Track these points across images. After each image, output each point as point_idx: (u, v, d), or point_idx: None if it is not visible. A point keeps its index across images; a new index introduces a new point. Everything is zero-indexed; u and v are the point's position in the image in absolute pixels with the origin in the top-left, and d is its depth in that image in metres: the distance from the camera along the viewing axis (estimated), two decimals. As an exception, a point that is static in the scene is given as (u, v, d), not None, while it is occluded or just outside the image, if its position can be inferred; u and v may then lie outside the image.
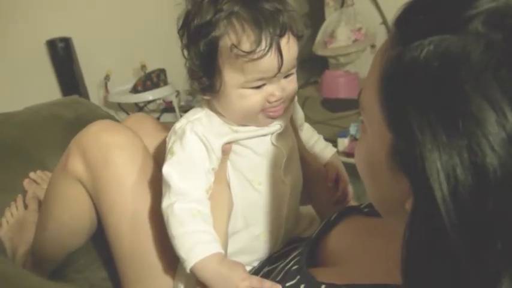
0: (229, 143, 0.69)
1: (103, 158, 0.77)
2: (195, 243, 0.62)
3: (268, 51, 0.60)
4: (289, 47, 0.63)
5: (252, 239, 0.74)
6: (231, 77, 0.63)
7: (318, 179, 0.83)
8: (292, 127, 0.78)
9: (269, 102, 0.65)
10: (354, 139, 2.01)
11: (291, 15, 0.63)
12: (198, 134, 0.66)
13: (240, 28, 0.60)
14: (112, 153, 0.77)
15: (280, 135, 0.72)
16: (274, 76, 0.63)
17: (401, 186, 0.39)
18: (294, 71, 0.67)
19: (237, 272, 0.61)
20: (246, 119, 0.68)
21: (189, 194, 0.65)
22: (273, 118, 0.68)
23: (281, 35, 0.61)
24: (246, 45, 0.60)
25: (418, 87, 0.35)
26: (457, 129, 0.33)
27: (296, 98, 0.77)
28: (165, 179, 0.66)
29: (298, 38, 0.66)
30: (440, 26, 0.35)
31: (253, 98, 0.64)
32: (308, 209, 0.88)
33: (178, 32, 0.66)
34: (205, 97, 0.68)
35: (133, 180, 0.78)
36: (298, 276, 0.56)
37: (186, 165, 0.66)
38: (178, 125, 0.69)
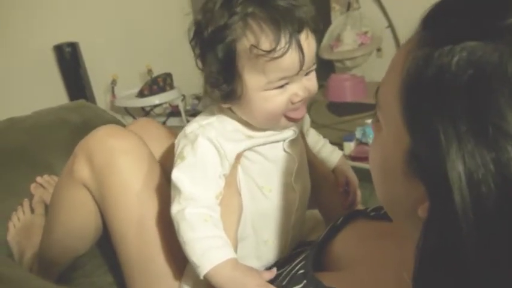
0: (246, 150, 0.69)
1: (108, 163, 0.77)
2: (208, 248, 0.61)
3: (288, 48, 0.58)
4: (309, 42, 0.62)
5: (260, 244, 0.74)
6: (252, 80, 0.61)
7: (325, 184, 0.83)
8: (300, 132, 0.78)
9: (292, 103, 0.64)
10: (360, 143, 2.00)
11: (306, 10, 0.61)
12: (212, 139, 0.65)
13: (257, 28, 0.58)
14: (117, 158, 0.77)
15: (292, 142, 0.72)
16: (297, 74, 0.61)
17: (415, 192, 0.38)
18: (314, 67, 0.65)
19: (252, 277, 0.60)
20: (269, 122, 0.66)
21: (200, 200, 0.63)
22: (296, 120, 0.67)
23: (299, 31, 0.60)
24: (265, 45, 0.58)
25: (447, 94, 0.34)
26: (486, 141, 0.32)
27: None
28: (175, 184, 0.65)
29: (316, 32, 0.64)
30: (474, 31, 0.34)
31: (277, 100, 0.63)
32: (311, 212, 0.87)
33: (190, 43, 0.65)
34: (226, 105, 0.67)
35: (138, 185, 0.77)
36: (305, 281, 0.56)
37: (197, 170, 0.65)
38: (189, 129, 0.68)
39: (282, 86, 0.62)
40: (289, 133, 0.70)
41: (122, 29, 2.77)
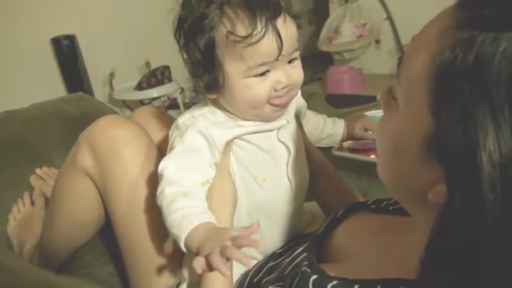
0: (235, 138, 0.69)
1: (111, 152, 0.78)
2: (184, 216, 0.60)
3: (265, 33, 0.58)
4: (287, 27, 0.62)
5: (256, 233, 0.74)
6: (232, 67, 0.62)
7: (323, 174, 0.83)
8: (296, 122, 0.78)
9: (276, 91, 0.64)
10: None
11: None
12: (201, 129, 0.66)
13: (233, 14, 0.59)
14: (120, 146, 0.78)
15: (286, 131, 0.72)
16: (277, 59, 0.61)
17: (428, 174, 0.38)
18: (297, 55, 0.66)
19: (224, 231, 0.57)
20: (253, 112, 0.67)
21: (182, 182, 0.63)
22: (279, 108, 0.67)
23: (276, 16, 0.60)
24: (241, 31, 0.59)
25: (489, 84, 0.33)
26: None
27: (300, 93, 0.76)
28: (161, 172, 0.65)
29: (295, 18, 0.64)
30: None
31: (260, 87, 0.63)
32: (310, 205, 0.88)
33: (174, 36, 0.66)
34: (211, 96, 0.67)
35: (140, 174, 0.78)
36: (309, 271, 0.56)
37: (184, 157, 0.65)
38: (181, 120, 0.69)
39: (263, 74, 0.62)
40: (282, 121, 0.70)
41: (119, 22, 2.75)
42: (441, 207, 0.37)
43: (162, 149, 0.84)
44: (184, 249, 0.60)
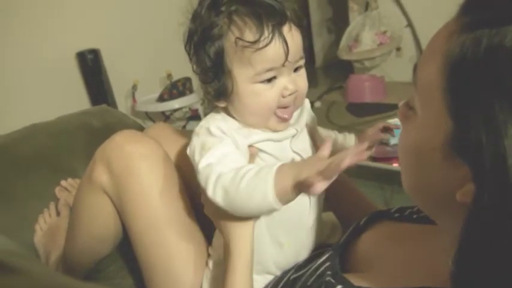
0: (253, 144, 0.69)
1: (127, 169, 0.78)
2: (258, 171, 0.58)
3: (272, 38, 0.61)
4: (292, 34, 0.63)
5: (277, 248, 0.73)
6: (240, 73, 0.63)
7: (337, 185, 0.82)
8: (309, 134, 0.77)
9: (283, 97, 0.65)
10: (380, 143, 1.98)
11: (289, 6, 0.64)
12: (222, 128, 0.66)
13: (241, 22, 0.61)
14: (136, 163, 0.79)
15: (299, 141, 0.72)
16: (283, 65, 0.63)
17: (455, 175, 0.38)
18: (302, 63, 0.67)
19: (311, 160, 0.56)
20: (261, 120, 0.67)
21: (231, 165, 0.61)
22: (284, 120, 0.68)
23: (281, 23, 0.62)
24: (249, 36, 0.61)
25: (502, 75, 0.34)
26: None
27: (309, 105, 0.77)
28: (205, 171, 0.62)
29: (300, 27, 0.66)
30: None
31: (267, 94, 0.64)
32: (328, 215, 0.86)
33: (185, 48, 0.68)
34: (220, 104, 0.68)
35: (156, 189, 0.79)
36: (334, 281, 0.55)
37: (222, 149, 0.64)
38: (198, 128, 0.69)
39: (270, 81, 0.64)
40: (291, 131, 0.70)
41: (141, 35, 2.81)
42: (470, 206, 0.37)
43: (177, 165, 0.85)
44: (274, 198, 0.56)
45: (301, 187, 0.53)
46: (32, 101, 2.42)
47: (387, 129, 0.80)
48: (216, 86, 0.65)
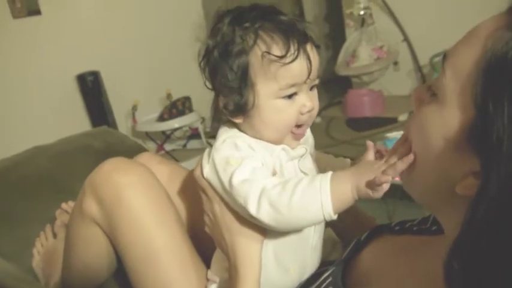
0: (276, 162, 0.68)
1: (116, 198, 0.77)
2: (309, 182, 0.57)
3: (297, 55, 0.61)
4: (313, 53, 0.65)
5: (283, 274, 0.71)
6: (264, 87, 0.63)
7: None
8: (311, 154, 0.77)
9: (301, 114, 0.65)
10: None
11: (308, 26, 0.65)
12: (252, 145, 0.65)
13: (268, 37, 0.62)
14: (124, 192, 0.77)
15: (306, 161, 0.72)
16: (305, 82, 0.64)
17: (462, 166, 0.39)
18: (317, 82, 0.68)
19: (361, 164, 0.57)
20: (277, 136, 0.67)
21: (271, 179, 0.61)
22: (298, 139, 0.69)
23: (305, 42, 0.63)
24: (277, 51, 0.61)
25: None
26: None
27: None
28: (240, 187, 0.60)
29: (317, 47, 0.67)
30: None
31: (288, 110, 0.65)
32: (328, 232, 0.85)
33: (199, 65, 0.67)
34: (237, 119, 0.67)
35: (148, 217, 0.77)
36: None
37: (251, 163, 0.62)
38: (219, 143, 0.66)
39: (291, 96, 0.64)
40: (302, 150, 0.70)
41: (141, 56, 2.84)
42: (472, 199, 0.38)
43: (169, 191, 0.84)
44: (331, 209, 0.56)
45: (364, 191, 0.54)
46: (33, 123, 2.44)
47: (379, 154, 0.83)
48: (236, 100, 0.65)
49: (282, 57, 0.61)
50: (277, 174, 0.67)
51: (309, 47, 0.64)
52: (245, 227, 0.66)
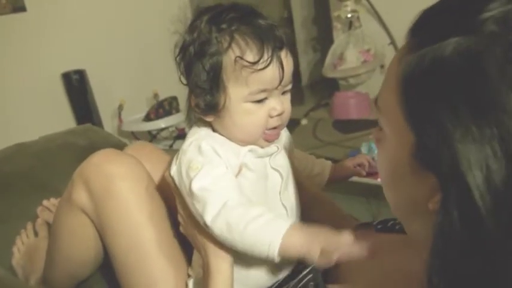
0: (243, 163, 0.68)
1: (105, 189, 0.77)
2: (269, 221, 0.58)
3: (270, 62, 0.61)
4: (287, 60, 0.65)
5: (258, 267, 0.71)
6: (235, 91, 0.64)
7: (316, 203, 0.83)
8: (286, 152, 0.77)
9: (271, 117, 0.66)
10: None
11: (284, 32, 0.65)
12: (214, 147, 0.65)
13: (243, 42, 0.62)
14: (114, 183, 0.78)
15: (278, 158, 0.72)
16: (276, 88, 0.64)
17: (425, 186, 0.40)
18: (290, 87, 0.68)
19: (336, 234, 0.56)
20: (249, 137, 0.67)
21: (227, 193, 0.61)
22: (270, 141, 0.69)
23: (280, 48, 0.63)
24: (250, 57, 0.61)
25: (444, 84, 0.37)
26: (487, 120, 0.35)
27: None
28: (201, 194, 0.61)
29: (291, 54, 0.67)
30: (456, 29, 0.37)
31: (258, 113, 0.65)
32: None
33: (175, 59, 0.67)
34: (207, 118, 0.68)
35: (136, 209, 0.78)
36: None
37: (215, 170, 0.63)
38: (186, 145, 0.68)
39: (261, 101, 0.65)
40: (273, 148, 0.71)
41: (128, 55, 2.82)
42: (437, 212, 0.39)
43: (159, 183, 0.84)
44: (276, 255, 0.57)
45: (312, 256, 0.55)
46: (18, 121, 2.41)
47: (360, 165, 0.87)
48: (207, 100, 0.65)
49: (254, 63, 0.61)
50: (243, 171, 0.68)
51: (283, 53, 0.64)
52: None
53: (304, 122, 2.83)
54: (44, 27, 2.50)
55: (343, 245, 0.53)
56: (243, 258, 0.68)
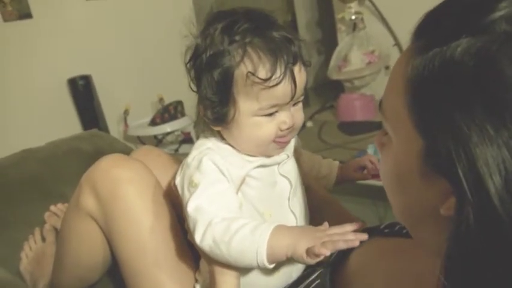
0: (247, 174, 0.68)
1: (113, 193, 0.78)
2: (252, 229, 0.58)
3: (283, 78, 0.60)
4: (301, 75, 0.64)
5: (267, 274, 0.71)
6: (245, 105, 0.63)
7: (325, 206, 0.82)
8: (294, 157, 0.77)
9: (281, 130, 0.65)
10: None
11: (300, 44, 0.64)
12: (215, 161, 0.65)
13: (255, 56, 0.61)
14: (122, 188, 0.78)
15: (286, 165, 0.72)
16: (287, 103, 0.64)
17: (435, 191, 0.39)
18: (302, 98, 0.68)
19: (317, 229, 0.57)
20: (258, 148, 0.67)
21: (221, 213, 0.61)
22: (283, 146, 0.68)
23: (294, 63, 0.62)
24: (262, 73, 0.60)
25: (457, 85, 0.36)
26: (503, 121, 0.34)
27: None
28: (193, 214, 0.61)
29: (306, 67, 0.66)
30: (465, 29, 0.37)
31: (267, 126, 0.64)
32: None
33: (186, 65, 0.66)
34: (216, 128, 0.67)
35: (144, 213, 0.78)
36: None
37: (212, 189, 0.63)
38: (190, 159, 0.67)
39: (271, 114, 0.64)
40: (283, 156, 0.70)
41: (132, 61, 2.83)
42: (453, 217, 0.38)
43: (166, 187, 0.84)
44: (265, 260, 0.57)
45: (299, 255, 0.54)
46: (24, 127, 2.42)
47: (363, 168, 0.86)
48: (216, 112, 0.64)
49: (266, 80, 0.60)
50: (246, 180, 0.68)
51: (297, 68, 0.63)
52: None
53: (309, 124, 2.83)
54: (50, 34, 2.52)
55: (330, 237, 0.53)
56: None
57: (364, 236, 0.53)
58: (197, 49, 0.65)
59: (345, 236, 0.54)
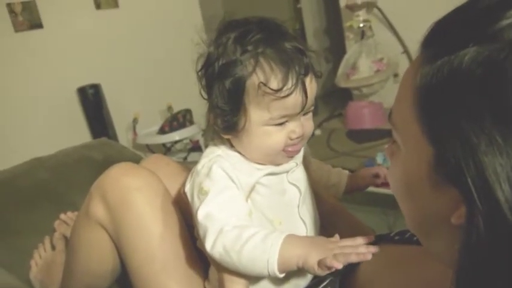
0: (257, 182, 0.68)
1: (123, 202, 0.78)
2: (263, 238, 0.57)
3: (294, 89, 0.61)
4: (312, 86, 0.64)
5: (274, 281, 0.70)
6: (256, 114, 0.63)
7: (334, 214, 0.82)
8: (303, 165, 0.77)
9: (290, 140, 0.65)
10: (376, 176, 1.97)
11: (311, 55, 0.64)
12: (225, 168, 0.65)
13: (267, 67, 0.61)
14: (131, 196, 0.78)
15: (295, 173, 0.72)
16: (297, 114, 0.64)
17: (445, 199, 0.39)
18: (312, 108, 0.68)
19: (330, 240, 0.57)
20: (267, 157, 0.67)
21: (231, 221, 0.61)
22: (292, 155, 0.68)
23: (305, 74, 0.62)
24: (274, 84, 0.60)
25: (465, 94, 0.36)
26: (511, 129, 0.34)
27: None
28: (203, 221, 0.61)
29: (317, 77, 0.67)
30: (473, 38, 0.36)
31: (277, 135, 0.64)
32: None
33: (197, 73, 0.67)
34: (226, 136, 0.68)
35: (153, 222, 0.78)
36: None
37: (222, 197, 0.63)
38: (199, 166, 0.67)
39: (281, 124, 0.64)
40: (292, 164, 0.70)
41: (141, 70, 2.86)
42: (464, 226, 0.37)
43: (174, 197, 0.84)
44: (276, 269, 0.57)
45: (310, 265, 0.54)
46: (34, 136, 2.44)
47: (376, 175, 0.85)
48: (227, 121, 0.65)
49: (277, 90, 0.60)
50: (256, 187, 0.68)
51: (308, 79, 0.63)
52: None
53: (318, 132, 2.83)
54: (60, 44, 2.56)
55: (342, 249, 0.54)
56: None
57: (376, 249, 0.53)
58: (209, 58, 0.65)
59: (356, 249, 0.54)
